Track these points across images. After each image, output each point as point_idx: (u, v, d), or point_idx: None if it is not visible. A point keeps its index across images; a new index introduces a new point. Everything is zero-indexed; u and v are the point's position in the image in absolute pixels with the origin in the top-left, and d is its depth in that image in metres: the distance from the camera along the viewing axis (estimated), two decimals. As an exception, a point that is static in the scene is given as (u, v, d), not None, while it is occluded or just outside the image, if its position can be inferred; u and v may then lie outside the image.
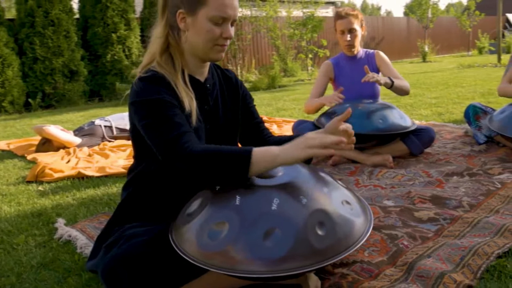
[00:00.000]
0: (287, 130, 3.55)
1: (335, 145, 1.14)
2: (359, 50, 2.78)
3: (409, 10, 14.74)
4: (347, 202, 1.24)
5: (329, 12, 17.89)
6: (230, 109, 1.49)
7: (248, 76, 9.86)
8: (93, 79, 8.58)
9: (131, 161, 3.10)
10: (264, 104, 5.81)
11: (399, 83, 2.60)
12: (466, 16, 13.53)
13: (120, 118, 4.11)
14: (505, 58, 9.69)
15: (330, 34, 12.96)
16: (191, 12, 1.29)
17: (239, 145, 1.58)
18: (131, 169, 1.45)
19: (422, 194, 1.90)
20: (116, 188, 2.51)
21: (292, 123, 2.96)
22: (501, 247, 1.37)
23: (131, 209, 1.41)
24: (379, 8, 76.97)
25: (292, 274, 1.08)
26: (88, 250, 1.66)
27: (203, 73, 1.42)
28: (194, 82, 1.38)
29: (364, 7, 72.60)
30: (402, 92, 2.65)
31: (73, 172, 2.85)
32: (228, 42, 1.35)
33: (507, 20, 18.55)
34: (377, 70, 2.74)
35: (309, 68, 10.40)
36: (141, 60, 7.79)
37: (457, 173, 2.18)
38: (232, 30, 1.33)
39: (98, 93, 8.61)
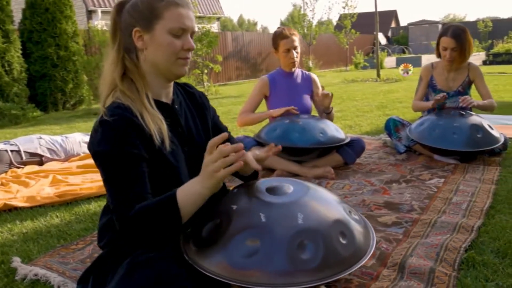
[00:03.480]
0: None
1: (236, 152, 1.14)
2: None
3: (292, 26, 15.75)
4: (352, 212, 1.38)
5: (214, 27, 18.26)
6: (202, 128, 1.48)
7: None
8: (-35, 97, 7.62)
9: (59, 189, 2.90)
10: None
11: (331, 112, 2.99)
12: (344, 34, 14.93)
13: (29, 141, 3.76)
14: (383, 73, 10.89)
15: (222, 49, 13.28)
16: (148, 28, 1.26)
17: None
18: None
19: (375, 201, 2.12)
20: (58, 219, 2.33)
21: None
22: (464, 242, 1.62)
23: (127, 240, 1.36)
24: (255, 24, 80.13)
25: (328, 282, 1.18)
26: (69, 288, 1.55)
27: (168, 94, 1.39)
28: (162, 106, 1.33)
29: (241, 22, 74.98)
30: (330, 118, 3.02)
31: (-3, 205, 2.56)
32: (190, 54, 1.33)
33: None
34: (311, 92, 3.00)
35: (205, 83, 10.52)
36: (24, 76, 7.10)
37: (394, 180, 2.46)
38: (192, 42, 1.30)
39: (-28, 113, 7.66)
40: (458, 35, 2.87)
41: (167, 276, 1.18)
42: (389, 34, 28.16)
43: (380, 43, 19.92)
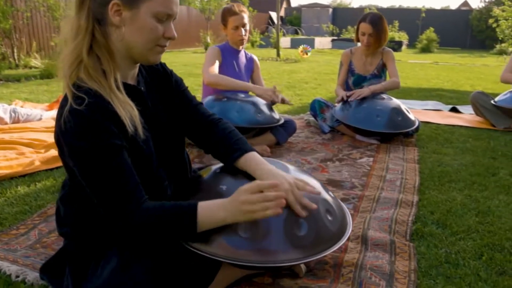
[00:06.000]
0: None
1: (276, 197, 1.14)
2: None
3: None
4: (328, 190, 1.48)
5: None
6: (171, 106, 1.40)
7: (28, 60, 8.60)
8: None
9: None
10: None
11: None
12: (242, 12, 15.03)
13: None
14: (281, 53, 11.18)
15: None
16: (131, 5, 1.13)
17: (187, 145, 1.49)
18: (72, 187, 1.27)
19: (318, 179, 2.26)
20: (-20, 201, 2.08)
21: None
22: (409, 215, 1.84)
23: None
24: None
25: (323, 256, 1.27)
26: (30, 277, 1.42)
27: (134, 75, 1.28)
28: (130, 89, 1.22)
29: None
30: None
31: None
32: (169, 43, 1.25)
33: (270, 18, 21.32)
34: (251, 72, 3.04)
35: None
36: None
37: (328, 159, 2.65)
38: (174, 31, 1.23)
39: None
40: (375, 22, 3.12)
41: (167, 264, 1.17)
42: (282, 14, 28.96)
43: (274, 22, 20.48)
